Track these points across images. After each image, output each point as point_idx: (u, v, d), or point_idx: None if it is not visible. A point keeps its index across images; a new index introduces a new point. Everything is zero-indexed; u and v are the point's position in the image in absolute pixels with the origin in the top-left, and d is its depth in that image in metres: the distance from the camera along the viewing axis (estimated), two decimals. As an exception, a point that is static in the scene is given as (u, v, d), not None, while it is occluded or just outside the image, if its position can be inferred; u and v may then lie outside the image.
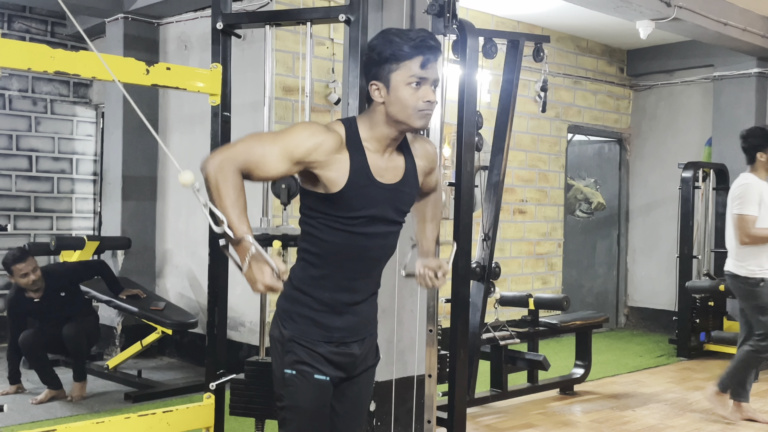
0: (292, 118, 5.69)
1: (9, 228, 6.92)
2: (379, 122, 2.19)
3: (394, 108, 2.15)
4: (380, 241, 2.26)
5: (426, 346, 3.84)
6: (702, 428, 4.83)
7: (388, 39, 2.15)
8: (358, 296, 2.27)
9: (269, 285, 1.96)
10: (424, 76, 2.14)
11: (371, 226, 2.20)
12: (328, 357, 2.23)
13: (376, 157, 2.20)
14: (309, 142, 2.09)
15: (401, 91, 2.14)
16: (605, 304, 9.01)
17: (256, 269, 1.95)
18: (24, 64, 2.90)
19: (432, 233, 2.54)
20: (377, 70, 2.17)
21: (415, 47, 2.13)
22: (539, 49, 4.91)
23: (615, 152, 9.10)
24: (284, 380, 2.24)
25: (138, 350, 5.83)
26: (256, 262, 1.96)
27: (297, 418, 2.24)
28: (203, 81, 3.45)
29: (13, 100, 7.10)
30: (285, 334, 2.23)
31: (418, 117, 2.16)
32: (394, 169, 2.24)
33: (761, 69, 7.76)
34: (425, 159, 2.35)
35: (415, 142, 2.34)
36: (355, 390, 2.35)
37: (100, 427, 3.22)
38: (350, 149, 2.16)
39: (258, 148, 2.05)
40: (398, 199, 2.25)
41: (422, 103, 2.15)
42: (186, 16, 6.41)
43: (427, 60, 2.14)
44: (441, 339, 3.97)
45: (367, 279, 2.29)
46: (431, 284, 2.42)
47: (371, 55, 2.18)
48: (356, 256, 2.22)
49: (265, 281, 1.95)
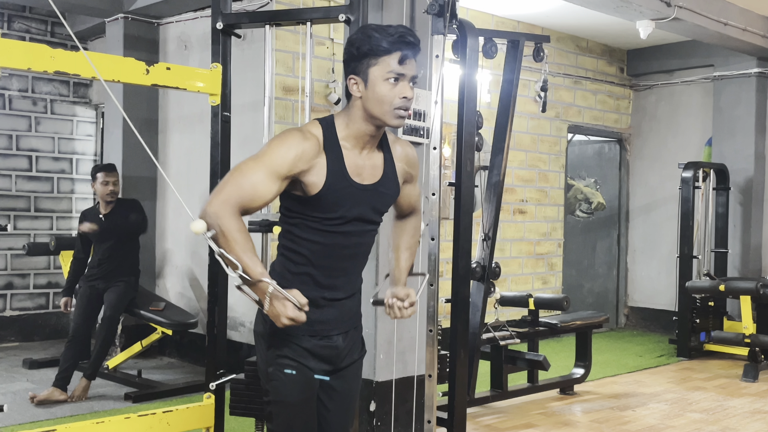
0: (292, 118, 5.69)
1: (9, 228, 6.92)
2: (357, 118, 2.21)
3: (371, 103, 2.17)
4: (357, 240, 2.28)
5: (426, 346, 3.84)
6: (702, 428, 4.83)
7: (367, 34, 2.16)
8: (339, 293, 2.29)
9: (293, 317, 2.05)
10: (402, 72, 2.15)
11: (349, 226, 2.23)
12: (312, 350, 2.25)
13: (354, 155, 2.22)
14: (290, 155, 2.11)
15: (378, 87, 2.15)
16: (605, 304, 9.01)
17: (278, 305, 2.04)
18: (24, 64, 2.90)
19: (405, 263, 2.48)
20: (356, 65, 2.18)
21: (394, 43, 2.14)
22: (539, 49, 4.91)
23: (615, 152, 9.10)
24: (269, 375, 2.26)
25: (138, 350, 5.84)
26: (276, 299, 2.04)
27: (283, 412, 2.26)
28: (203, 81, 3.45)
29: (13, 100, 7.10)
30: (268, 329, 2.25)
31: (394, 115, 2.17)
32: (372, 167, 2.26)
33: (761, 69, 7.76)
34: (405, 162, 2.36)
35: (396, 144, 2.35)
36: (343, 384, 2.36)
37: (100, 427, 3.22)
38: (327, 151, 2.17)
39: (246, 182, 2.08)
40: (376, 199, 2.27)
41: (398, 99, 2.16)
42: (186, 16, 6.41)
43: (405, 56, 2.16)
44: (441, 339, 3.97)
45: (346, 277, 2.31)
46: (399, 314, 2.34)
47: (350, 49, 2.19)
48: (334, 254, 2.25)
49: (288, 314, 2.04)
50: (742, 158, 7.85)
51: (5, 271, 7.03)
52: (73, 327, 5.37)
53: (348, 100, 2.24)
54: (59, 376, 5.11)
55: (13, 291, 7.07)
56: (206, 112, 3.64)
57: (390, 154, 2.31)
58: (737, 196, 7.85)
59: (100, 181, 5.40)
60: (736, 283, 6.69)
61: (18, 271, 7.09)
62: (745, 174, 7.83)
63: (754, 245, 7.89)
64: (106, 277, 5.44)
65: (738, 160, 7.83)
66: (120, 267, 5.48)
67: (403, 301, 2.33)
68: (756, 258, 7.93)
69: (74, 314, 5.37)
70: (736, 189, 7.82)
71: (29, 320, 7.14)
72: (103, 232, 5.42)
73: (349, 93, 2.22)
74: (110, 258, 5.46)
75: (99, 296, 5.41)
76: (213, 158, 3.56)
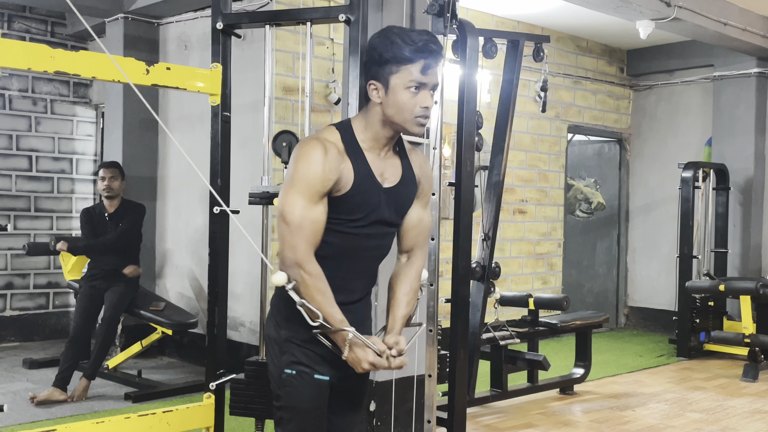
0: (292, 118, 5.69)
1: (9, 228, 6.92)
2: (375, 122, 2.20)
3: (391, 110, 2.15)
4: (378, 242, 2.27)
5: (426, 346, 3.84)
6: (702, 428, 4.83)
7: (390, 39, 2.14)
8: (355, 295, 2.29)
9: (373, 362, 2.13)
10: (424, 81, 2.14)
11: (371, 228, 2.22)
12: (325, 356, 2.23)
13: (374, 156, 2.21)
14: (320, 171, 2.10)
15: (400, 95, 2.13)
16: (605, 304, 9.01)
17: (359, 352, 2.13)
18: (24, 64, 2.90)
19: (402, 311, 2.30)
20: (377, 70, 2.16)
21: (418, 51, 2.12)
22: (539, 49, 4.91)
23: (615, 152, 9.10)
24: (282, 380, 2.24)
25: (138, 350, 5.84)
26: (356, 346, 2.12)
27: (295, 417, 2.25)
28: (203, 81, 3.45)
29: (13, 100, 7.10)
30: (282, 334, 2.24)
31: (415, 123, 2.16)
32: (392, 167, 2.26)
33: (761, 69, 7.76)
34: (420, 171, 2.35)
35: (413, 153, 2.35)
36: (351, 388, 2.36)
37: (100, 427, 3.22)
38: (350, 154, 2.16)
39: (298, 218, 2.09)
40: (398, 200, 2.26)
41: (419, 108, 2.15)
42: (186, 16, 6.41)
43: (428, 65, 2.14)
44: (441, 339, 3.97)
45: (364, 279, 2.31)
46: (388, 365, 2.18)
47: (372, 54, 2.16)
48: (354, 256, 2.24)
49: (369, 360, 2.13)
50: (742, 158, 7.85)
51: (5, 271, 7.03)
52: (74, 327, 5.38)
53: (366, 103, 2.22)
54: (59, 376, 5.11)
55: (13, 291, 7.07)
56: (206, 112, 3.64)
57: (406, 155, 2.31)
58: (737, 196, 7.85)
59: (99, 177, 5.53)
60: (736, 283, 6.69)
61: (18, 271, 7.09)
62: (745, 174, 7.83)
63: (754, 245, 7.89)
64: (107, 276, 5.45)
65: (738, 160, 7.83)
66: (121, 267, 5.50)
67: (391, 350, 2.18)
68: (756, 258, 7.93)
69: (75, 314, 5.39)
70: (736, 189, 7.82)
71: (29, 320, 7.14)
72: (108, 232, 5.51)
73: (367, 96, 2.20)
74: (112, 258, 5.49)
75: (100, 296, 5.41)
76: (213, 158, 3.55)
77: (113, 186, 5.49)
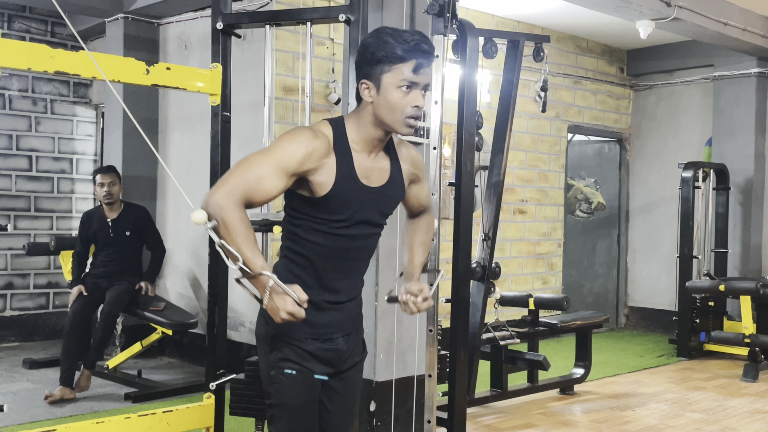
0: (292, 118, 5.69)
1: (9, 228, 6.92)
2: (367, 122, 2.20)
3: (382, 110, 2.15)
4: (362, 243, 2.28)
5: (426, 346, 3.84)
6: (702, 428, 4.83)
7: (382, 39, 2.14)
8: (341, 296, 2.28)
9: (292, 312, 2.01)
10: (415, 80, 2.14)
11: (354, 229, 2.22)
12: (315, 353, 2.24)
13: (363, 158, 2.21)
14: (300, 152, 2.09)
15: (391, 94, 2.13)
16: (605, 304, 9.01)
17: (278, 300, 2.01)
18: (24, 64, 2.90)
19: (418, 258, 2.48)
20: (369, 70, 2.16)
21: (409, 51, 2.12)
22: (539, 49, 4.91)
23: (615, 152, 9.10)
24: (271, 378, 2.25)
25: (138, 350, 5.84)
26: (276, 293, 2.00)
27: (285, 415, 2.26)
28: (203, 81, 3.45)
29: (13, 100, 7.10)
30: (270, 332, 2.24)
31: (404, 124, 2.16)
32: (380, 170, 2.25)
33: (761, 69, 7.76)
34: (411, 163, 2.36)
35: (401, 146, 2.35)
36: (345, 386, 2.36)
37: (100, 427, 3.22)
38: (337, 152, 2.16)
39: (251, 174, 2.05)
40: (383, 202, 2.27)
41: (410, 108, 2.15)
42: (186, 16, 6.41)
43: (420, 65, 2.14)
44: (441, 339, 3.97)
45: (349, 279, 2.30)
46: (414, 309, 2.32)
47: (364, 53, 2.17)
48: (338, 256, 2.24)
49: (288, 309, 2.01)
50: (742, 158, 7.85)
51: (5, 271, 7.03)
52: (70, 315, 5.35)
53: (358, 102, 2.22)
54: (63, 375, 5.12)
55: (13, 291, 7.07)
56: (206, 112, 3.64)
57: (396, 156, 2.31)
58: (737, 196, 7.85)
59: (97, 183, 5.52)
60: (736, 283, 6.69)
61: (18, 271, 7.09)
62: (745, 174, 7.83)
63: (754, 245, 7.89)
64: (109, 277, 5.51)
65: (738, 160, 7.83)
66: (123, 269, 5.56)
67: (417, 296, 2.30)
68: (756, 258, 7.93)
69: (72, 308, 5.40)
70: (736, 189, 7.82)
71: (29, 320, 7.14)
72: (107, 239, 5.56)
73: (359, 96, 2.20)
74: (115, 261, 5.55)
75: (101, 292, 5.46)
76: (213, 158, 3.56)
77: (113, 192, 5.52)
